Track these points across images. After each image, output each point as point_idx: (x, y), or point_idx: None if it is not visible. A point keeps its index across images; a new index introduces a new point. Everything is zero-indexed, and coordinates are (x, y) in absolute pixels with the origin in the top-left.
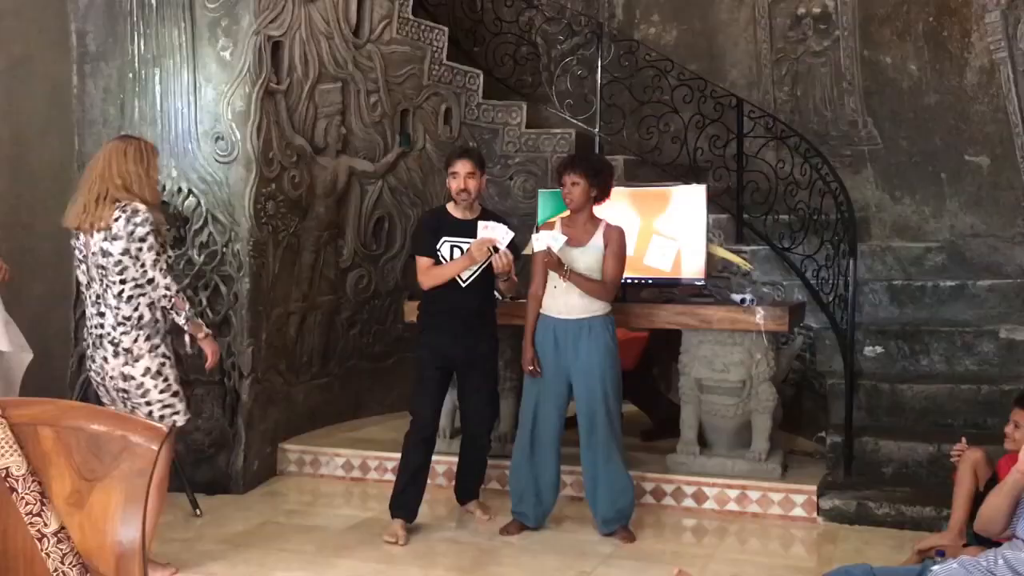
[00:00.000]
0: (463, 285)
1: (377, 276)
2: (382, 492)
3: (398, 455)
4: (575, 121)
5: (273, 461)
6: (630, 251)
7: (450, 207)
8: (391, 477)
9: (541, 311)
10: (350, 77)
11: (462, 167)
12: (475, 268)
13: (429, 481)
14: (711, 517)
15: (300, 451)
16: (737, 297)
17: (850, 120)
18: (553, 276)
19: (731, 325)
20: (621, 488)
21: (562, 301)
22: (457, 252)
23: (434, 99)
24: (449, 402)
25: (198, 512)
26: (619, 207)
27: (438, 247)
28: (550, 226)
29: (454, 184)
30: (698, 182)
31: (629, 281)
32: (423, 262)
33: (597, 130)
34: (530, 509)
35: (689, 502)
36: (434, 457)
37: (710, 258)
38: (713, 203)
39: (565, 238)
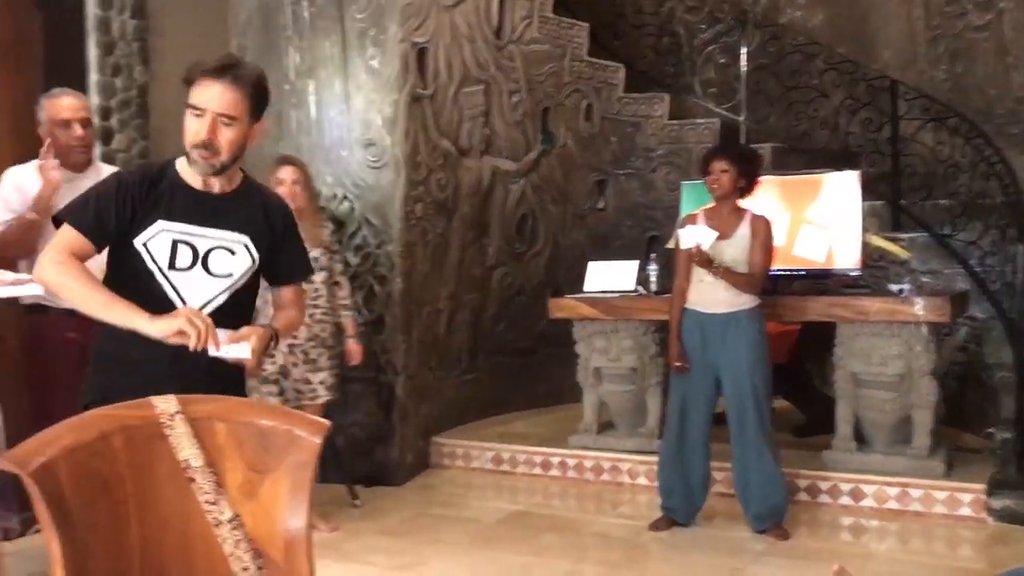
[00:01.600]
0: None
1: (521, 273)
2: (531, 486)
3: (546, 450)
4: (719, 110)
5: (426, 454)
6: (780, 241)
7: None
8: (540, 471)
9: (686, 305)
10: (492, 78)
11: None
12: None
13: (574, 475)
14: (869, 515)
15: (451, 445)
16: (895, 287)
17: (1016, 97)
18: (699, 269)
19: (888, 317)
20: (774, 485)
21: (708, 295)
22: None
23: (575, 95)
24: (595, 397)
25: (357, 503)
26: (767, 196)
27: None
28: (692, 219)
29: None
30: (850, 168)
31: (780, 273)
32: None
33: (743, 118)
34: (680, 505)
35: (846, 500)
36: (583, 452)
37: (865, 247)
38: (867, 189)
39: (715, 234)
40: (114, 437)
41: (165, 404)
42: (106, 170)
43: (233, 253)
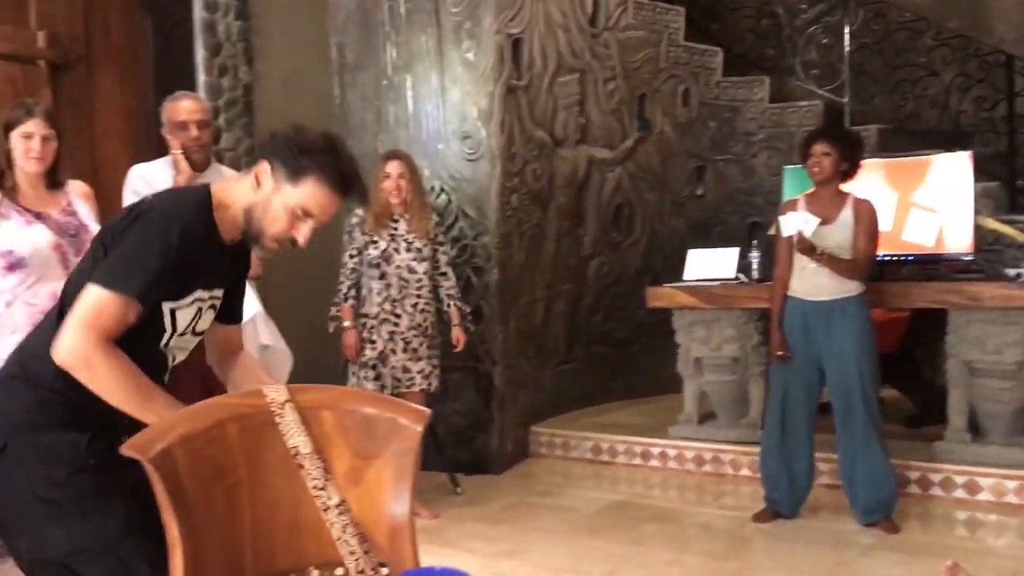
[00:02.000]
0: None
1: (618, 262)
2: (631, 476)
3: (645, 440)
4: (822, 92)
5: (525, 443)
6: (886, 226)
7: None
8: (639, 462)
9: (788, 293)
10: (587, 67)
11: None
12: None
13: (674, 466)
14: (986, 509)
15: (550, 434)
16: (1011, 272)
17: None
18: (801, 256)
19: (1004, 303)
20: (882, 476)
21: (810, 282)
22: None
23: (671, 81)
24: (695, 387)
25: (459, 491)
26: (872, 179)
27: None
28: (793, 205)
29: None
30: (962, 148)
31: (887, 258)
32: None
33: (846, 100)
34: (783, 497)
35: (960, 493)
36: (684, 443)
37: (978, 230)
38: (980, 170)
39: (818, 220)
40: (228, 425)
41: (276, 393)
42: (225, 171)
43: (214, 309)
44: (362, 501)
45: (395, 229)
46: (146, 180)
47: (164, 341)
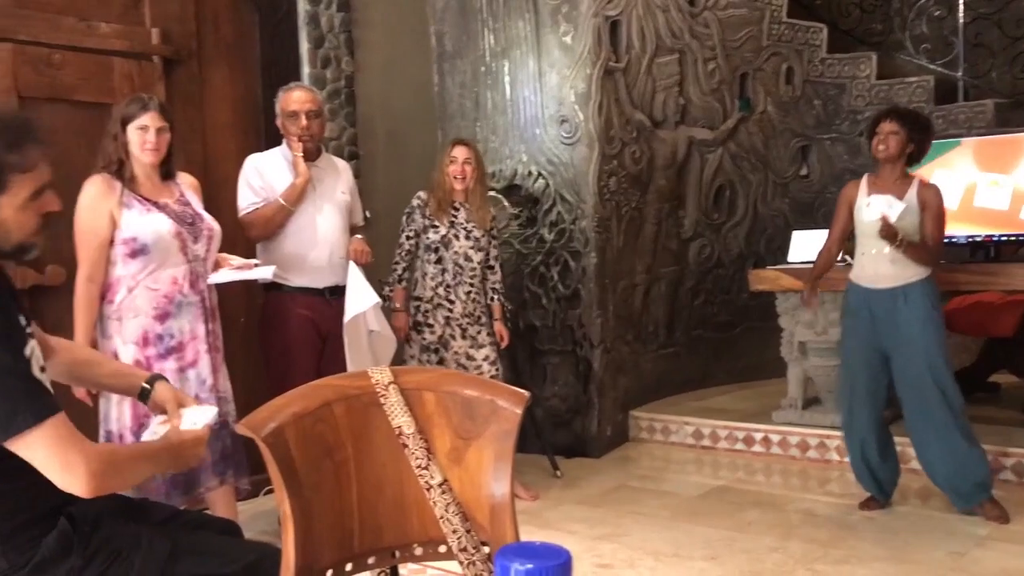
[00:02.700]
0: None
1: (720, 245)
2: (732, 461)
3: (748, 425)
4: (933, 67)
5: (625, 427)
6: (1004, 204)
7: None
8: (742, 447)
9: (851, 279)
10: (687, 47)
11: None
12: None
13: (778, 451)
14: None
15: (650, 418)
16: None
17: None
18: (864, 241)
19: None
20: (968, 461)
21: (871, 269)
22: None
23: (774, 59)
24: (800, 371)
25: (558, 473)
26: (988, 156)
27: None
28: (856, 186)
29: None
30: None
31: (1002, 239)
32: None
33: (960, 74)
34: (869, 486)
35: None
36: (787, 428)
37: None
38: None
39: (904, 205)
40: (336, 405)
41: (380, 375)
42: (336, 160)
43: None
44: (463, 481)
45: (455, 216)
46: (260, 171)
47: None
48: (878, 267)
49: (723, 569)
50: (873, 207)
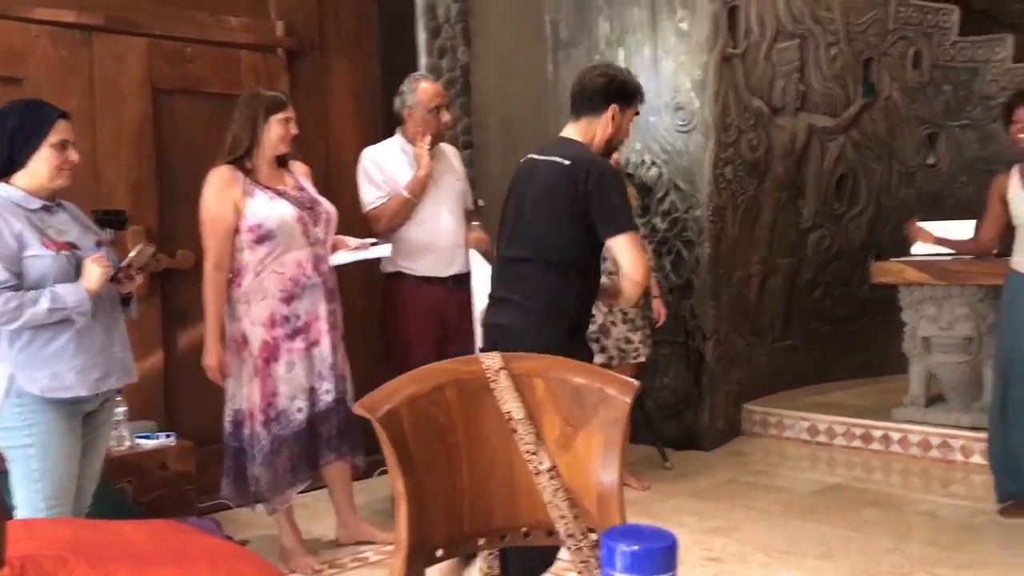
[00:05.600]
0: None
1: (840, 235)
2: (849, 459)
3: (867, 422)
4: None
5: (737, 421)
6: None
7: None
8: (860, 444)
9: (1013, 267)
10: (808, 32)
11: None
12: None
13: (898, 450)
14: None
15: (764, 412)
16: None
17: None
18: None
19: None
20: None
21: None
22: None
23: (901, 43)
24: (923, 368)
25: (668, 465)
26: None
27: None
28: (1006, 178)
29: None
30: None
31: None
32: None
33: None
34: (1009, 486)
35: None
36: (909, 426)
37: None
38: None
39: None
40: (448, 389)
41: (491, 361)
42: (446, 148)
43: None
44: (572, 467)
45: None
46: (377, 164)
47: None
48: None
49: (837, 568)
50: None
